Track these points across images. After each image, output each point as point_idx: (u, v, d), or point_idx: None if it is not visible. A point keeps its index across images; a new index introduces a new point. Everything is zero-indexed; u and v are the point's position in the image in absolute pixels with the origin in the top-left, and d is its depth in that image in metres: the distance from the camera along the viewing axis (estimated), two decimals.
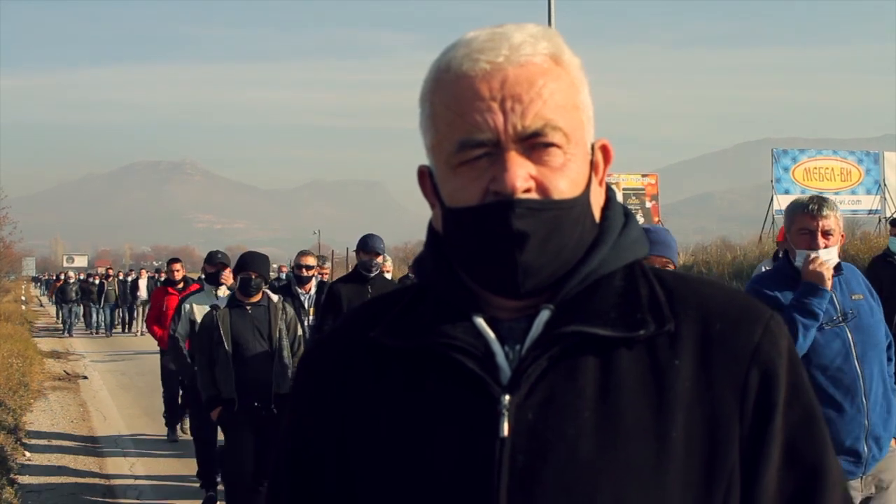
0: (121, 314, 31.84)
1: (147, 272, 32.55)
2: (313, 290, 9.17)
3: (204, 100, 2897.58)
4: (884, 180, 27.36)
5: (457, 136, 1.15)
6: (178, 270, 11.25)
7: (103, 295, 30.51)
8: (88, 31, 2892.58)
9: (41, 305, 55.46)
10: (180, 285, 10.92)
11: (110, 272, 33.54)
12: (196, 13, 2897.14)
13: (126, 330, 31.12)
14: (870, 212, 27.61)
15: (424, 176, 1.26)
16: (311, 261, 9.12)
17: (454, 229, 1.20)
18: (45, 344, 24.83)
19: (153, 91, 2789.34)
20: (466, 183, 1.16)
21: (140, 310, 29.82)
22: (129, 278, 32.76)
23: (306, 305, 8.98)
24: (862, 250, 18.11)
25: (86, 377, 17.72)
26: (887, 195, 27.19)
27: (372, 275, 7.36)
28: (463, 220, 1.17)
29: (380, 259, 7.48)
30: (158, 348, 10.95)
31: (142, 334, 27.51)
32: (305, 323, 8.42)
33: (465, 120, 1.15)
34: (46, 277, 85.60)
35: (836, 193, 27.21)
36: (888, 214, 26.85)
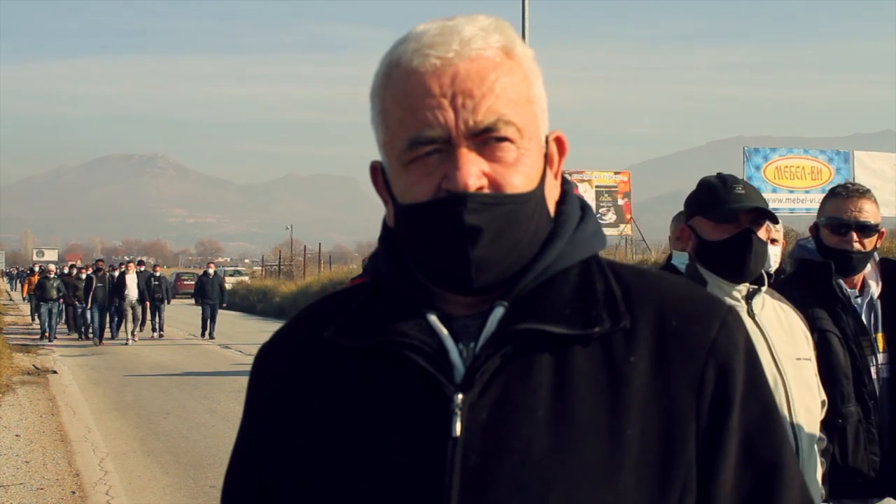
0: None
1: (134, 266, 26.41)
2: None
3: (177, 93, 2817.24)
4: (854, 179, 27.59)
5: (407, 133, 1.14)
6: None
7: (91, 293, 25.00)
8: (61, 23, 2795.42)
9: (10, 300, 54.78)
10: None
11: (101, 265, 27.21)
12: (168, 6, 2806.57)
13: (112, 336, 25.71)
14: None
15: (377, 172, 1.25)
16: None
17: (407, 225, 1.18)
18: (15, 339, 24.48)
19: (126, 84, 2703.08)
20: (418, 179, 1.14)
21: (129, 313, 24.76)
22: (116, 273, 26.79)
23: None
24: None
25: (55, 372, 17.56)
26: None
27: None
28: (415, 216, 1.15)
29: None
30: None
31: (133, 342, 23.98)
32: None
33: (416, 117, 1.13)
34: (18, 272, 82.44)
35: (807, 192, 27.39)
36: None
